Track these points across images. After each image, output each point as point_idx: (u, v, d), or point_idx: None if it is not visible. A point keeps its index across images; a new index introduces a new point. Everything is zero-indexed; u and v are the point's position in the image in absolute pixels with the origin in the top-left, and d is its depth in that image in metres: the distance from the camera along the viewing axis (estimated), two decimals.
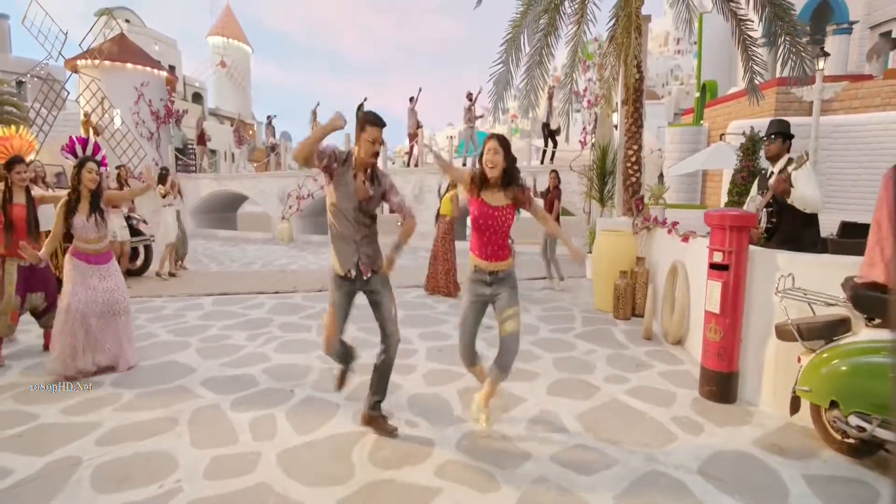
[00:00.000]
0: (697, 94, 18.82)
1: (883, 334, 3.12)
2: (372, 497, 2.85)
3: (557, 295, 8.18)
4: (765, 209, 4.70)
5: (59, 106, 19.28)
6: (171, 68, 29.63)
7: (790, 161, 4.59)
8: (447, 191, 8.34)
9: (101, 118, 19.47)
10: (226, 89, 40.97)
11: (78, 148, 4.85)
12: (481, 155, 3.32)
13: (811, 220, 4.59)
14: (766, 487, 2.97)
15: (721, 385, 4.12)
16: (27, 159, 5.25)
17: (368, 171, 3.35)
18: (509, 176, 3.31)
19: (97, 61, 19.98)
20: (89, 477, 3.00)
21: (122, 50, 21.23)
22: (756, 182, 5.06)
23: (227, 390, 4.32)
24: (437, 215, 8.42)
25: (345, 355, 3.66)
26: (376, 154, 3.30)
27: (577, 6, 8.13)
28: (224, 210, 21.56)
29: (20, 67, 25.84)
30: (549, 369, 4.89)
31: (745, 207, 5.03)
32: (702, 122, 16.73)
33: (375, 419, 3.58)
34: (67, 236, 4.76)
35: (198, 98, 36.14)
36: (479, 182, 3.33)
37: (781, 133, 4.74)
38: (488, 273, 3.41)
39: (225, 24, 41.61)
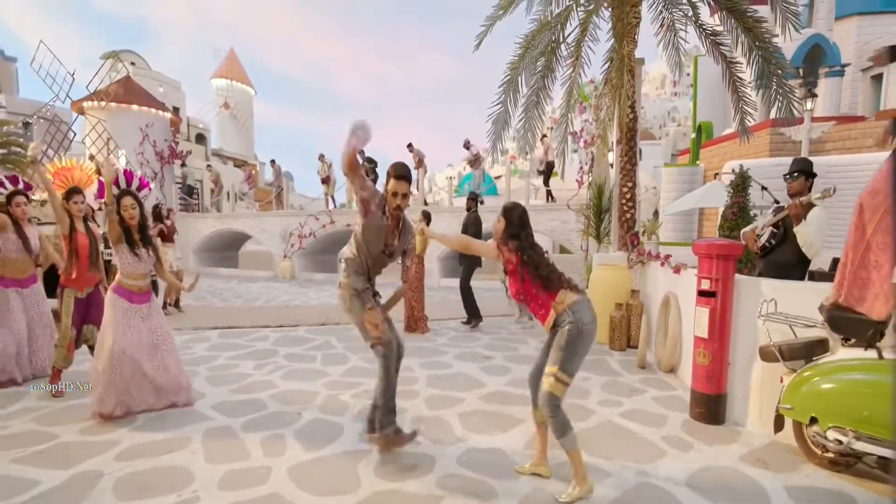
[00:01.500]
0: (693, 135, 19.17)
1: (857, 353, 3.34)
2: None
3: None
4: (771, 227, 4.76)
5: (65, 147, 19.68)
6: (176, 110, 30.20)
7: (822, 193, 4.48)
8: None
9: (105, 158, 19.89)
10: (229, 130, 41.67)
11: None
12: None
13: (805, 257, 4.62)
14: (750, 498, 3.14)
15: (710, 407, 4.30)
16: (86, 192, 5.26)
17: (400, 221, 3.58)
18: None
19: (103, 103, 20.49)
20: (111, 488, 3.18)
21: (128, 92, 21.85)
22: (773, 209, 4.96)
23: (236, 413, 4.50)
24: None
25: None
26: (397, 207, 3.44)
27: (572, 49, 8.46)
28: (226, 249, 21.78)
29: (27, 109, 26.12)
30: None
31: (755, 222, 5.12)
32: (698, 162, 17.05)
33: (390, 438, 3.59)
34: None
35: (201, 139, 36.58)
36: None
37: (804, 171, 4.67)
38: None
39: (228, 66, 42.63)
